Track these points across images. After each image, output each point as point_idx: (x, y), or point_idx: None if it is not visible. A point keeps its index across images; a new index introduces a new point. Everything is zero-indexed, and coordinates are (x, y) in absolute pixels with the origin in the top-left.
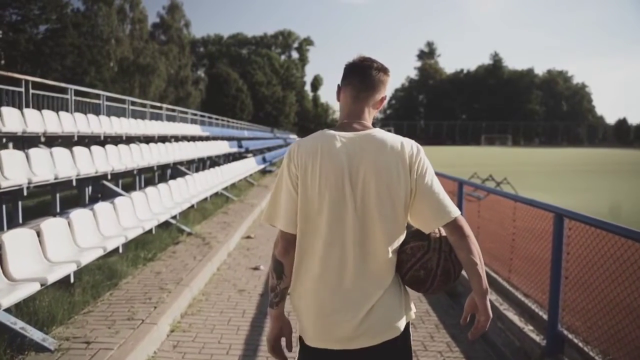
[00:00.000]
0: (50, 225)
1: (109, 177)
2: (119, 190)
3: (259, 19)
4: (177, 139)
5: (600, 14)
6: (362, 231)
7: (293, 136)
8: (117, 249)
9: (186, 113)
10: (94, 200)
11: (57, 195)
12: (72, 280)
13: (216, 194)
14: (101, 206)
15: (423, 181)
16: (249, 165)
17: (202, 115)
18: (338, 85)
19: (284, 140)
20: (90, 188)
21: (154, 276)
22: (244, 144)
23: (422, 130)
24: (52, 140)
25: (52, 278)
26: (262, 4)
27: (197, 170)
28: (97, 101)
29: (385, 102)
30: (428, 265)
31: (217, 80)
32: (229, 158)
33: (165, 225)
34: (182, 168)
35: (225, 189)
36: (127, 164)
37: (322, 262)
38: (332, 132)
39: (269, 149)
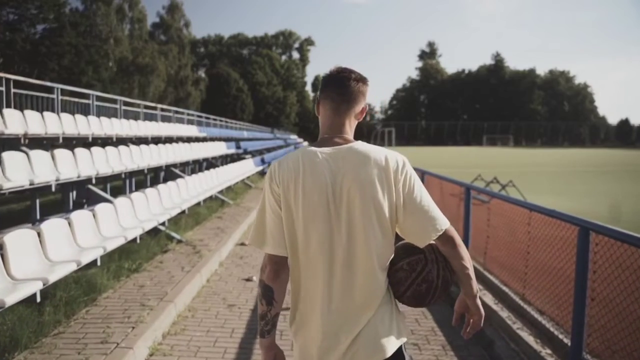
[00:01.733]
0: (16, 237)
1: (94, 181)
2: (106, 195)
3: (259, 19)
4: (172, 140)
5: (601, 14)
6: (348, 250)
7: (293, 136)
8: (95, 261)
9: (182, 113)
10: (78, 206)
11: (37, 201)
12: (38, 299)
13: (211, 197)
14: (79, 214)
15: (412, 196)
16: (247, 167)
17: (199, 116)
18: (316, 98)
19: (284, 140)
20: (74, 193)
21: (137, 290)
22: (243, 145)
23: (423, 130)
24: (36, 143)
25: (11, 300)
26: (263, 4)
27: (192, 172)
28: (87, 101)
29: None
30: (429, 277)
31: (217, 81)
32: (227, 160)
33: (153, 232)
34: (176, 170)
35: (221, 192)
36: (114, 167)
37: (309, 284)
38: (312, 148)
39: (269, 150)
